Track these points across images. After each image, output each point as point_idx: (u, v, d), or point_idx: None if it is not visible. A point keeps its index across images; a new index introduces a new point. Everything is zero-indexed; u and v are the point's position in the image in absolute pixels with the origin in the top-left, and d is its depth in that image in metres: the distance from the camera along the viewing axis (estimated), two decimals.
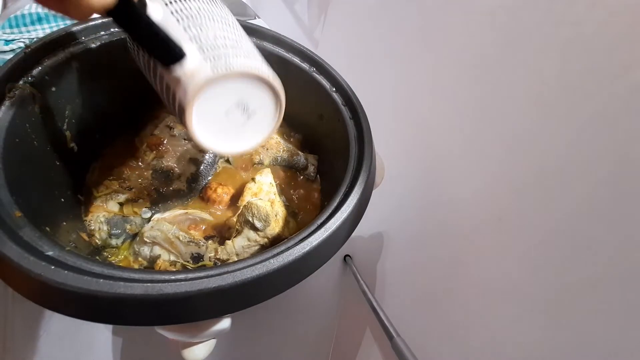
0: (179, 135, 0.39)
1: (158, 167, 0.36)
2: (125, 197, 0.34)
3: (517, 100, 0.34)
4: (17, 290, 0.20)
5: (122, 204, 0.33)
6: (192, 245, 0.31)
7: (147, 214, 0.34)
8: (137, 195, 0.34)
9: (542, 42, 0.31)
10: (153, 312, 0.20)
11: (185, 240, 0.31)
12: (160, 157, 0.37)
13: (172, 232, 0.31)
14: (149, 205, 0.34)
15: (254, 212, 0.31)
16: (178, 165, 0.37)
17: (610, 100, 0.26)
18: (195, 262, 0.31)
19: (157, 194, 0.35)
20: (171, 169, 0.36)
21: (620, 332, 0.25)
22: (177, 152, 0.37)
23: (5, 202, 0.22)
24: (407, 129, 0.50)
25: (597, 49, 0.27)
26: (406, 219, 0.51)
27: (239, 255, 0.32)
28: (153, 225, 0.31)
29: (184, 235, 0.31)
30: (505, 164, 0.36)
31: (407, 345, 0.43)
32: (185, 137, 0.39)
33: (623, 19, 0.25)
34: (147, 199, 0.34)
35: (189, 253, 0.31)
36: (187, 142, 0.38)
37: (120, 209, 0.33)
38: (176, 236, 0.31)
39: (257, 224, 0.31)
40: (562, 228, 0.30)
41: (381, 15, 0.51)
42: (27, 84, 0.27)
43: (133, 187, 0.34)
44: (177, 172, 0.36)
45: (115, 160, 0.36)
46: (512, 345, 0.34)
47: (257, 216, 0.31)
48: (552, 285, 0.31)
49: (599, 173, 0.27)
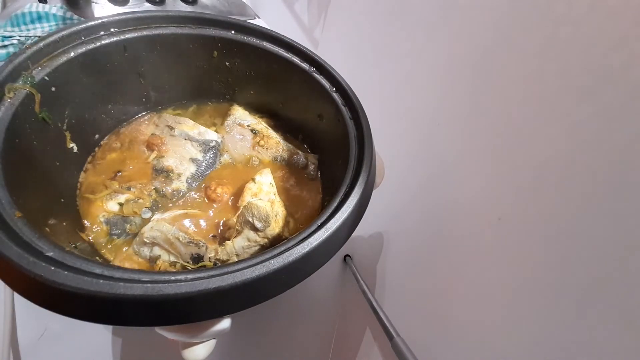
0: (179, 135, 0.39)
1: (158, 166, 0.36)
2: (125, 197, 0.34)
3: (517, 100, 0.34)
4: (17, 290, 0.20)
5: (122, 204, 0.33)
6: (192, 245, 0.31)
7: (147, 214, 0.34)
8: (137, 196, 0.34)
9: (543, 42, 0.31)
10: (153, 313, 0.20)
11: (185, 241, 0.31)
12: (160, 157, 0.37)
13: (172, 232, 0.31)
14: (149, 205, 0.34)
15: (254, 213, 0.31)
16: (178, 165, 0.37)
17: (610, 99, 0.26)
18: (195, 262, 0.31)
19: (157, 194, 0.35)
20: (171, 168, 0.36)
21: (621, 332, 0.25)
22: (177, 152, 0.37)
23: (5, 202, 0.22)
24: (407, 128, 0.50)
25: (597, 49, 0.27)
26: (406, 219, 0.51)
27: (239, 256, 0.32)
28: (153, 226, 0.31)
29: (183, 235, 0.31)
30: (505, 164, 0.36)
31: (407, 345, 0.43)
32: (185, 137, 0.39)
33: (622, 18, 0.25)
34: (147, 199, 0.34)
35: (189, 254, 0.31)
36: (187, 142, 0.38)
37: (120, 209, 0.33)
38: (176, 237, 0.31)
39: (257, 224, 0.31)
40: (562, 228, 0.30)
41: (381, 15, 0.51)
42: (27, 84, 0.27)
43: (133, 187, 0.34)
44: (176, 172, 0.36)
45: (114, 161, 0.36)
46: (512, 345, 0.34)
47: (257, 216, 0.31)
48: (552, 285, 0.31)
49: (599, 173, 0.27)
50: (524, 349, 0.33)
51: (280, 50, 0.39)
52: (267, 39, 0.39)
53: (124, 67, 0.35)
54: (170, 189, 0.35)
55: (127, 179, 0.35)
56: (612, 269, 0.26)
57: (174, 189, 0.35)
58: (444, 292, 0.44)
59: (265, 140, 0.42)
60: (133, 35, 0.34)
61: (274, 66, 0.40)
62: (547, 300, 0.31)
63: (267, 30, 0.39)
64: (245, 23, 0.39)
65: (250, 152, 0.41)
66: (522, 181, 0.34)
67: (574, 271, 0.29)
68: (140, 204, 0.34)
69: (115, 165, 0.36)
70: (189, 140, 0.39)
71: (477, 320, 0.39)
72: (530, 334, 0.33)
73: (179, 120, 0.40)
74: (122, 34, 0.34)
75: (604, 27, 0.26)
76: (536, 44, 0.32)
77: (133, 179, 0.35)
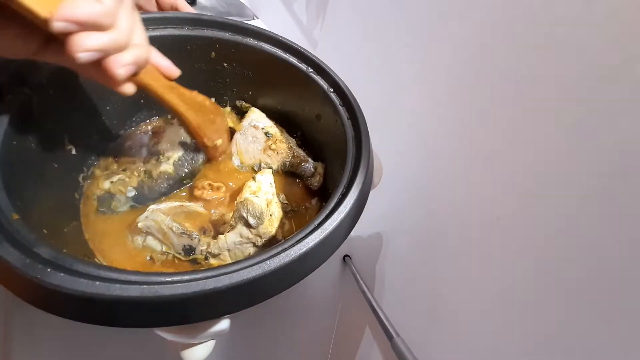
0: (175, 123, 0.40)
1: (153, 150, 0.37)
2: (119, 177, 0.35)
3: (516, 100, 0.34)
4: (14, 292, 0.20)
5: (113, 182, 0.35)
6: (185, 237, 0.31)
7: (132, 193, 0.35)
8: (128, 176, 0.36)
9: (541, 42, 0.31)
10: (149, 314, 0.20)
11: (178, 232, 0.31)
12: (157, 143, 0.38)
13: (166, 222, 0.31)
14: (135, 185, 0.35)
15: (249, 209, 0.32)
16: (168, 149, 0.38)
17: (610, 99, 0.26)
18: (186, 254, 0.32)
19: (145, 175, 0.36)
20: (162, 152, 0.37)
21: (621, 332, 0.25)
22: (170, 138, 0.39)
23: (3, 204, 0.22)
24: (405, 128, 0.50)
25: (596, 48, 0.27)
26: (405, 219, 0.51)
27: (231, 251, 0.32)
28: (148, 215, 0.32)
29: (177, 226, 0.31)
30: (504, 164, 0.36)
31: (407, 345, 0.43)
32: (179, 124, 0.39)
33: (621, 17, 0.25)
34: (135, 178, 0.35)
35: (181, 245, 0.31)
36: (180, 128, 0.39)
37: (110, 187, 0.35)
38: (169, 227, 0.31)
39: (250, 221, 0.32)
40: (562, 227, 0.30)
41: (380, 16, 0.51)
42: (25, 87, 0.28)
43: (127, 169, 0.36)
44: (166, 155, 0.37)
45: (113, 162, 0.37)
46: (512, 345, 0.34)
47: (252, 213, 0.32)
48: (552, 285, 0.31)
49: (599, 172, 0.27)
50: (524, 348, 0.33)
51: (278, 51, 0.39)
52: (264, 40, 0.39)
53: None
54: (158, 170, 0.36)
55: (124, 162, 0.37)
56: (612, 269, 0.26)
57: (161, 171, 0.36)
58: (443, 292, 0.44)
59: (276, 145, 0.41)
60: None
61: (272, 67, 0.40)
62: (546, 300, 0.31)
63: (265, 31, 0.39)
64: (243, 24, 0.39)
65: (260, 155, 0.40)
66: (521, 181, 0.34)
67: (574, 271, 0.29)
68: (127, 182, 0.35)
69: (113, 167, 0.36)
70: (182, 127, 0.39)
71: (477, 320, 0.39)
72: (530, 333, 0.33)
73: None
74: None
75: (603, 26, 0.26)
76: (535, 43, 0.32)
77: (130, 162, 0.37)
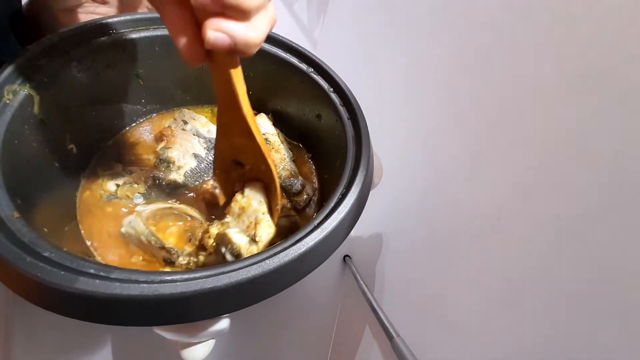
0: (190, 130, 0.39)
1: (163, 156, 0.37)
2: (124, 179, 0.34)
3: (516, 99, 0.34)
4: (15, 290, 0.20)
5: (119, 185, 0.34)
6: (163, 252, 0.30)
7: (139, 199, 0.34)
8: (135, 180, 0.35)
9: (541, 41, 0.31)
10: (149, 313, 0.20)
11: (156, 246, 0.30)
12: (167, 148, 0.37)
13: (145, 235, 0.30)
14: (143, 191, 0.35)
15: (227, 247, 0.29)
16: (180, 158, 0.37)
17: (610, 98, 0.26)
18: (168, 264, 0.31)
19: (153, 182, 0.35)
20: (173, 160, 0.37)
21: (621, 332, 0.25)
22: (183, 146, 0.38)
23: (4, 203, 0.22)
24: (405, 128, 0.50)
25: (596, 47, 0.27)
26: (405, 219, 0.51)
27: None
28: (130, 221, 0.31)
29: (155, 240, 0.30)
30: (504, 164, 0.36)
31: (407, 345, 0.43)
32: (194, 133, 0.39)
33: (621, 17, 0.25)
34: (143, 185, 0.35)
35: (161, 257, 0.31)
36: (195, 137, 0.39)
37: (116, 190, 0.34)
38: (148, 240, 0.30)
39: (227, 257, 0.29)
40: (561, 227, 0.30)
41: (380, 16, 0.51)
42: (26, 85, 0.28)
43: (134, 172, 0.35)
44: (177, 164, 0.37)
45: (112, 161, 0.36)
46: (512, 345, 0.34)
47: (230, 250, 0.29)
48: (552, 285, 0.31)
49: (599, 172, 0.27)
50: (523, 348, 0.33)
51: (279, 51, 0.39)
52: (265, 39, 0.39)
53: (123, 68, 0.36)
54: (167, 179, 0.36)
55: (130, 163, 0.36)
56: (612, 268, 0.26)
57: (170, 180, 0.35)
58: (443, 292, 0.44)
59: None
60: (132, 37, 0.34)
61: (272, 67, 0.40)
62: (546, 300, 0.31)
63: None
64: None
65: None
66: (522, 181, 0.34)
67: (574, 271, 0.29)
68: (135, 188, 0.34)
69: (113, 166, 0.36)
70: (197, 136, 0.39)
71: (477, 320, 0.39)
72: (529, 333, 0.33)
73: (194, 117, 0.40)
74: (121, 35, 0.34)
75: (602, 26, 0.26)
76: (535, 43, 0.32)
77: (136, 164, 0.36)
